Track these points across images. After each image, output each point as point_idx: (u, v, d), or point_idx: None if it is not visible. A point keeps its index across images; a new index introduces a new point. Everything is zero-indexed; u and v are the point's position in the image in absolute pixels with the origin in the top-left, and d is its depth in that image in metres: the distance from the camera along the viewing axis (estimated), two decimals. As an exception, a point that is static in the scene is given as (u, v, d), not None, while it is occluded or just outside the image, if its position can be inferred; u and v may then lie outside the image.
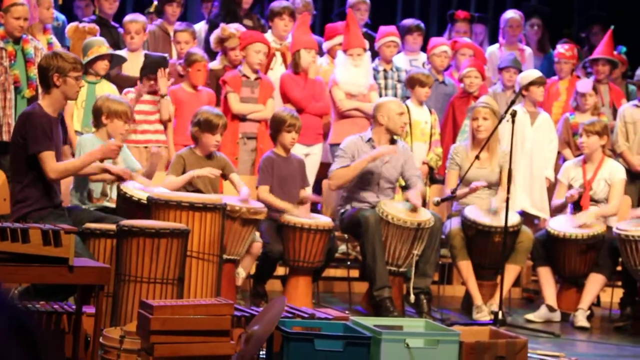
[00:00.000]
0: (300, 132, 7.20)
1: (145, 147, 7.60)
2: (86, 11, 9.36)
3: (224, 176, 6.83)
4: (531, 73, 8.41)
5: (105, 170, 5.89)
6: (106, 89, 7.45)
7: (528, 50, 9.71)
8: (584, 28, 10.43)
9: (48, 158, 5.44)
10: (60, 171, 5.52)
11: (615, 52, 9.35)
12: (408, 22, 9.40)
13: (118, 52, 8.03)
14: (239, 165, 7.77)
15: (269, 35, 8.58)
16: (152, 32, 8.88)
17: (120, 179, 5.96)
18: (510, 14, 9.76)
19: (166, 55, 7.85)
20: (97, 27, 8.03)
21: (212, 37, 8.35)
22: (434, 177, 8.36)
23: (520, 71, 8.65)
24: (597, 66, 8.99)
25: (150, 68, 7.60)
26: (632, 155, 8.42)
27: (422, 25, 9.39)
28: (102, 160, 5.78)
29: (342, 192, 7.35)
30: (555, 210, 7.85)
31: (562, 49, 9.12)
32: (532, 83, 8.18)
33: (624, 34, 10.01)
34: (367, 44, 8.44)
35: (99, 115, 6.36)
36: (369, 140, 7.24)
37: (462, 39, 9.27)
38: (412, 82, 8.15)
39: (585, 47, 9.83)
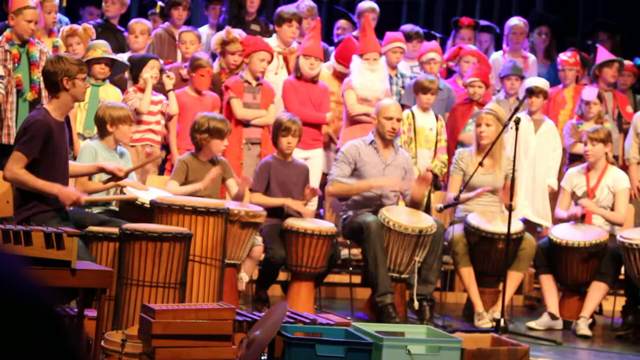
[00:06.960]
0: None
1: (142, 145, 7.60)
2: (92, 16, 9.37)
3: (223, 179, 6.86)
4: (533, 81, 8.38)
5: (101, 169, 5.86)
6: (110, 92, 7.45)
7: (532, 58, 9.66)
8: (589, 35, 10.40)
9: (18, 159, 5.37)
10: (17, 176, 5.37)
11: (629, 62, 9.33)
12: (407, 28, 9.38)
13: (118, 55, 7.96)
14: (243, 171, 7.77)
15: (272, 40, 8.55)
16: (158, 35, 8.87)
17: (115, 177, 5.89)
18: (515, 21, 9.73)
19: (150, 56, 7.82)
20: (93, 29, 7.99)
21: (215, 39, 8.32)
22: (438, 184, 8.32)
23: (521, 78, 8.64)
24: (609, 71, 8.93)
25: (136, 66, 7.60)
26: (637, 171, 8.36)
27: (422, 31, 9.39)
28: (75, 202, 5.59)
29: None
30: (558, 221, 7.83)
31: (564, 56, 9.09)
32: (527, 91, 8.17)
33: (631, 45, 9.98)
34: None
35: (103, 125, 6.36)
36: (372, 142, 7.24)
37: (466, 45, 9.25)
38: (416, 88, 8.15)
39: (591, 55, 9.81)
